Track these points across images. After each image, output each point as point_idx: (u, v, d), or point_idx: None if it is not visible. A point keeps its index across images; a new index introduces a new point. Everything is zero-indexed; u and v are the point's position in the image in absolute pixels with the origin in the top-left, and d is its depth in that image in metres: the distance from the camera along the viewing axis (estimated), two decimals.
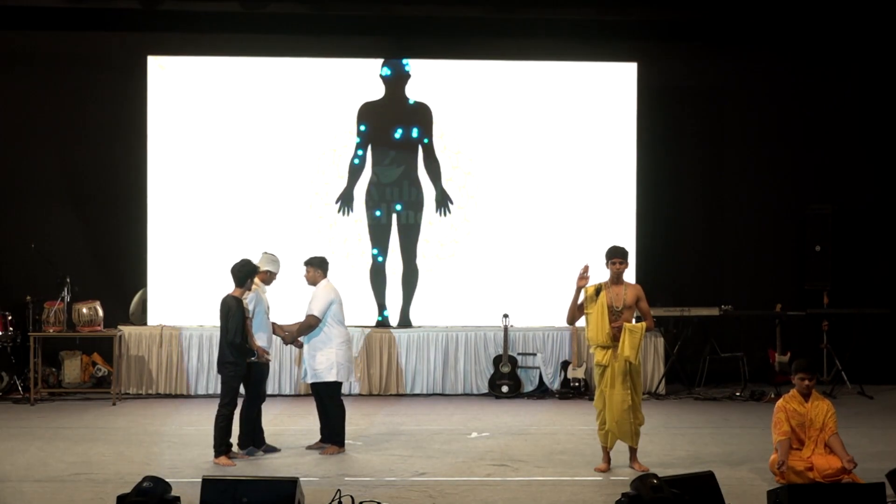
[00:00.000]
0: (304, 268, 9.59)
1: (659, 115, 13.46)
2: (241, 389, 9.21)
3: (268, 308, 9.43)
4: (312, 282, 9.52)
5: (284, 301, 10.59)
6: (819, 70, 13.93)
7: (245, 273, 9.08)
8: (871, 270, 13.79)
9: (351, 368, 9.64)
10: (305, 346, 9.44)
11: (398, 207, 13.04)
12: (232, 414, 8.99)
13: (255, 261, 9.37)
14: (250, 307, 9.11)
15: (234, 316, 8.92)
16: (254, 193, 12.90)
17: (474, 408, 11.80)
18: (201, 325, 12.51)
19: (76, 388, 12.41)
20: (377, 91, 13.01)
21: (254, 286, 9.21)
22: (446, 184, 13.02)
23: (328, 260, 9.67)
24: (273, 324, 9.53)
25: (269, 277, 9.48)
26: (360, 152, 13.02)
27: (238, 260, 9.22)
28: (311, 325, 9.32)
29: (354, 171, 13.02)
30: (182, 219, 12.83)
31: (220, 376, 9.19)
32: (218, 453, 8.90)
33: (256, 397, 9.27)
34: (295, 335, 9.51)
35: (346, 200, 12.99)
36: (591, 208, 13.02)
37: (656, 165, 13.43)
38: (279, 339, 9.73)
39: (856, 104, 13.96)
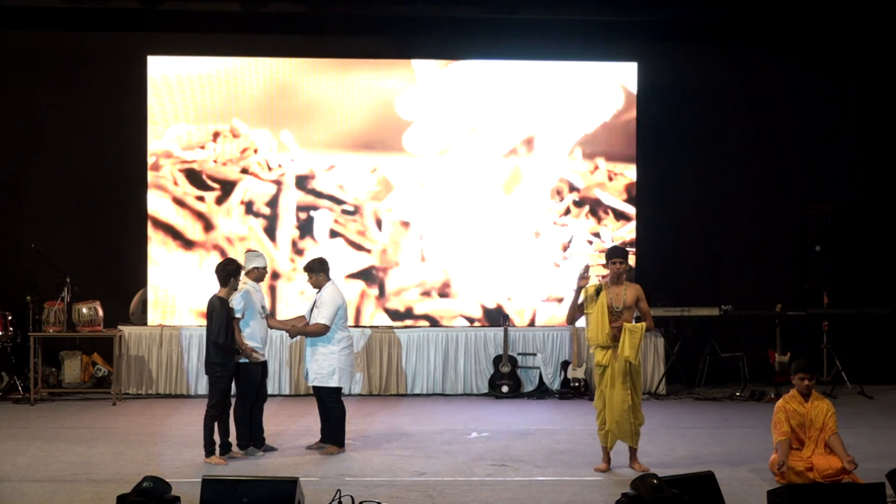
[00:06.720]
0: (306, 274, 9.54)
1: (659, 114, 13.47)
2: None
3: (263, 307, 9.38)
4: (317, 286, 9.46)
5: (287, 300, 10.64)
6: (819, 70, 13.94)
7: (227, 272, 9.03)
8: (871, 270, 13.79)
9: (353, 372, 9.64)
10: (308, 348, 9.41)
11: None
12: (220, 415, 8.96)
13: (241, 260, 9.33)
14: (239, 306, 9.07)
15: (217, 315, 8.90)
16: (253, 193, 12.90)
17: (474, 408, 11.80)
18: (201, 325, 12.49)
19: (76, 388, 12.41)
20: (377, 90, 12.98)
21: (242, 285, 9.16)
22: (449, 184, 13.01)
23: (326, 259, 9.61)
24: (268, 319, 9.47)
25: (258, 274, 9.38)
26: None
27: (222, 259, 9.16)
28: (319, 332, 9.28)
29: None
30: (182, 218, 12.82)
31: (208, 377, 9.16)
32: (208, 453, 8.92)
33: (247, 396, 9.20)
34: (299, 332, 9.47)
35: None
36: (591, 208, 13.01)
37: (656, 165, 13.44)
38: (278, 338, 9.68)
39: (856, 104, 13.98)
